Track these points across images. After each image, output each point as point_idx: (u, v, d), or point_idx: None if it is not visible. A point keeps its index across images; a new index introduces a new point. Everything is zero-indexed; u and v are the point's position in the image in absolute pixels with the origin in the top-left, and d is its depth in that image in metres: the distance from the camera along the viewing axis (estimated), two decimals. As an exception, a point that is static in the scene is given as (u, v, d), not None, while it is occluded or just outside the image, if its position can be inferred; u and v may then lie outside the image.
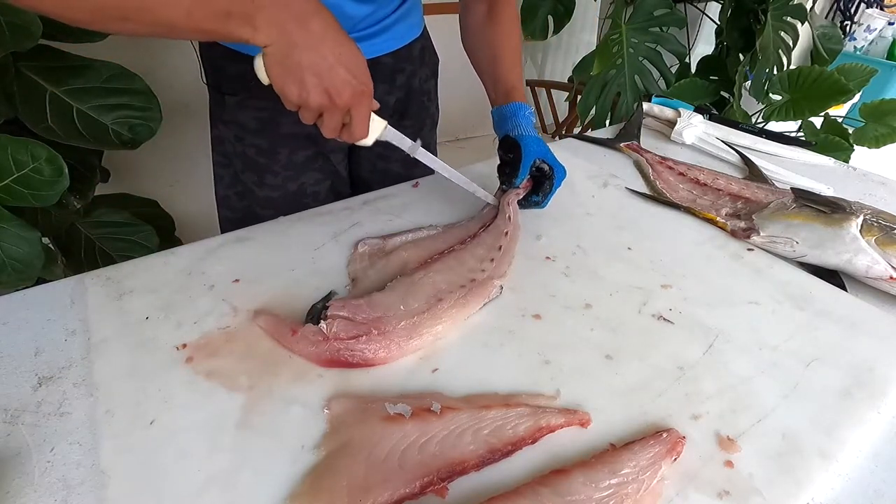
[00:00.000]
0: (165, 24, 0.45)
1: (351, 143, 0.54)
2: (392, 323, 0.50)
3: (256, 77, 0.50)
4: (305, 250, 0.62)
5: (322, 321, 0.49)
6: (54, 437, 0.40)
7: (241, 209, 0.81)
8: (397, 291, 0.53)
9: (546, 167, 0.68)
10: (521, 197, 0.68)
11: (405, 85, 0.80)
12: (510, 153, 0.69)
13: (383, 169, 0.87)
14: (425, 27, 0.83)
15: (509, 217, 0.65)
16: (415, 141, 0.61)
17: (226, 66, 0.71)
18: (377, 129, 0.56)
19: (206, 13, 0.44)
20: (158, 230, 1.15)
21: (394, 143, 0.59)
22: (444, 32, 0.66)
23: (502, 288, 0.57)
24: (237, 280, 0.57)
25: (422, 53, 0.82)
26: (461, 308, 0.53)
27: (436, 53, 0.86)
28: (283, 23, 0.46)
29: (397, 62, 0.77)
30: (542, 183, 0.68)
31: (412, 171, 0.87)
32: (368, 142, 0.56)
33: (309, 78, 0.48)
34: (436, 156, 0.62)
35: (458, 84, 1.40)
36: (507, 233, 0.63)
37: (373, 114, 0.54)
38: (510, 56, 0.73)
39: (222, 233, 0.65)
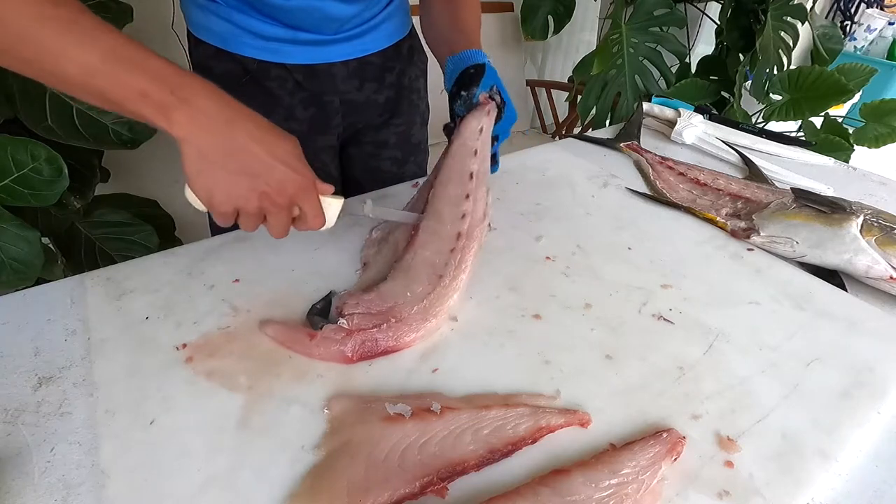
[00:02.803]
0: (59, 77, 0.39)
1: (309, 230, 0.50)
2: (405, 310, 0.50)
3: (243, 76, 0.49)
4: (305, 250, 0.62)
5: (341, 318, 0.49)
6: (54, 437, 0.40)
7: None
8: (398, 280, 0.53)
9: (499, 98, 0.61)
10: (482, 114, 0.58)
11: (395, 84, 0.80)
12: (467, 87, 0.60)
13: (375, 168, 0.87)
14: (413, 27, 0.83)
15: (471, 141, 0.57)
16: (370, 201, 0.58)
17: (212, 65, 0.71)
18: (335, 209, 0.51)
19: (116, 84, 0.39)
20: (158, 230, 1.14)
21: (359, 214, 0.56)
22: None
23: (491, 225, 0.55)
24: (237, 280, 0.57)
25: (410, 52, 0.82)
26: (462, 272, 0.53)
27: (424, 52, 0.86)
28: (205, 126, 0.41)
29: (386, 61, 0.78)
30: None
31: (404, 170, 0.87)
32: (329, 225, 0.51)
33: (242, 181, 0.43)
34: (428, 154, 0.61)
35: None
36: (475, 151, 0.55)
37: (327, 198, 0.50)
38: (471, 25, 0.69)
39: (212, 235, 0.65)
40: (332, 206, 0.51)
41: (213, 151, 0.42)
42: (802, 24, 1.56)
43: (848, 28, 3.14)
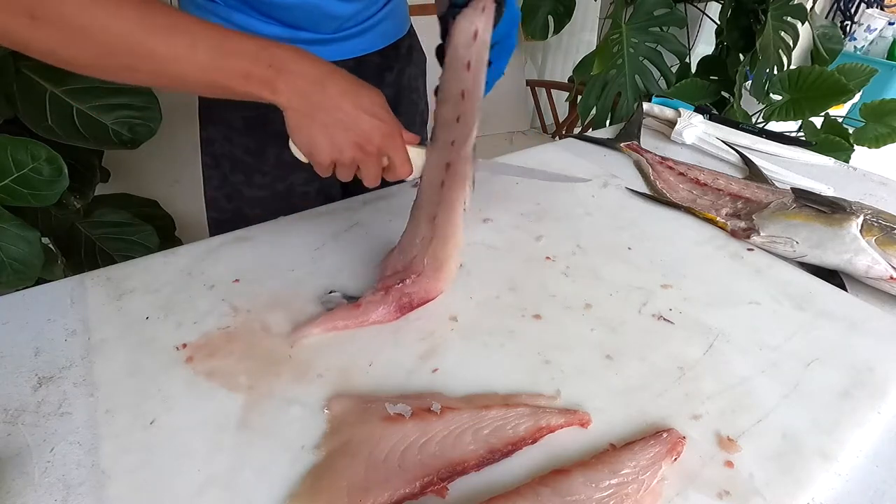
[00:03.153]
0: (178, 78, 0.44)
1: (398, 179, 0.53)
2: (418, 263, 0.51)
3: None
4: (305, 250, 0.62)
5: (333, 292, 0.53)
6: (54, 437, 0.40)
7: (229, 210, 0.81)
8: (410, 226, 0.53)
9: None
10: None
11: (394, 83, 0.80)
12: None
13: None
14: (412, 26, 0.83)
15: (462, 49, 0.47)
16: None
17: None
18: (421, 159, 0.53)
19: (225, 73, 0.44)
20: (158, 230, 1.15)
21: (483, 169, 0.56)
22: (434, 34, 0.66)
23: (476, 160, 0.51)
24: (237, 280, 0.57)
25: (409, 52, 0.82)
26: (451, 208, 0.50)
27: (423, 52, 0.86)
28: (301, 88, 0.46)
29: (385, 60, 0.78)
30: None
31: None
32: (418, 174, 0.54)
33: (337, 134, 0.48)
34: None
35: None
36: (468, 64, 0.46)
37: (413, 147, 0.53)
38: None
39: (211, 235, 0.65)
40: (420, 155, 0.53)
41: (309, 109, 0.47)
42: (802, 24, 1.56)
43: (848, 28, 3.14)
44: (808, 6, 1.61)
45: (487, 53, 0.48)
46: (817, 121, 1.62)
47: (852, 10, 3.12)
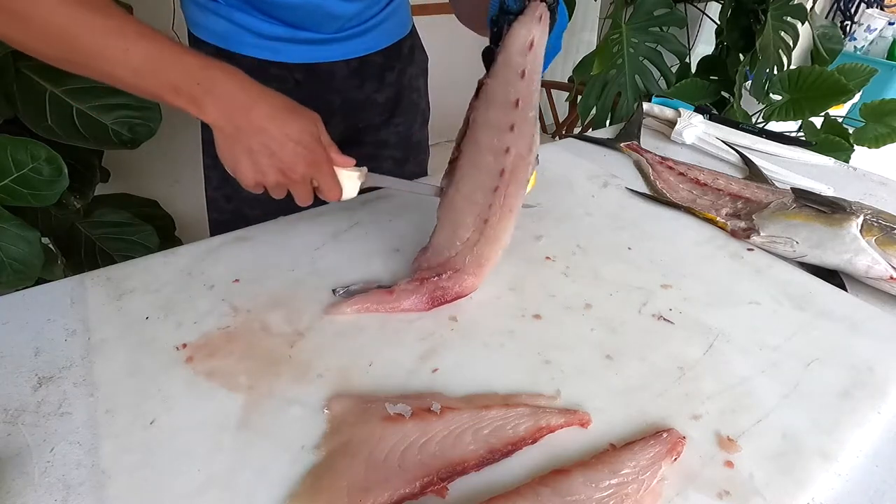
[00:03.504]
0: (112, 79, 0.45)
1: (331, 200, 0.54)
2: (459, 261, 0.52)
3: None
4: (305, 250, 0.62)
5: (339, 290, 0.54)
6: (54, 437, 0.40)
7: (228, 211, 0.81)
8: (446, 227, 0.53)
9: None
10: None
11: (395, 83, 0.80)
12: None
13: (375, 168, 0.86)
14: (413, 26, 0.83)
15: (518, 57, 0.44)
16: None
17: None
18: (353, 182, 0.54)
19: (155, 82, 0.45)
20: (158, 230, 1.15)
21: (380, 185, 0.58)
22: (436, 34, 0.66)
23: (538, 158, 0.50)
24: (237, 280, 0.57)
25: (411, 51, 0.82)
26: (509, 213, 0.50)
27: (424, 52, 0.86)
28: (227, 110, 0.47)
29: (386, 60, 0.78)
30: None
31: (404, 170, 0.87)
32: (352, 194, 0.55)
33: (261, 158, 0.49)
34: (428, 154, 0.59)
35: (451, 85, 1.40)
36: (523, 73, 0.44)
37: (347, 170, 0.54)
38: None
39: (211, 235, 0.65)
40: (351, 178, 0.54)
41: (234, 132, 0.48)
42: (802, 24, 1.56)
43: (848, 28, 3.14)
44: (808, 6, 1.61)
45: (542, 62, 0.46)
46: (817, 121, 1.62)
47: (852, 10, 3.12)
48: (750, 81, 1.59)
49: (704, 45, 2.15)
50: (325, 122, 0.77)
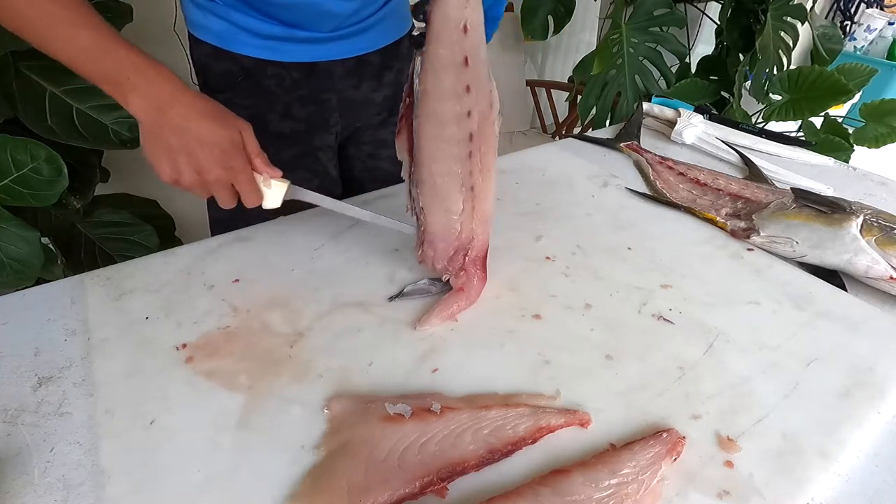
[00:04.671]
0: (63, 62, 0.48)
1: (252, 207, 0.55)
2: (467, 232, 0.53)
3: (241, 74, 0.50)
4: (305, 250, 0.62)
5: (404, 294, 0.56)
6: (54, 437, 0.40)
7: (228, 211, 0.81)
8: (434, 209, 0.52)
9: None
10: None
11: (393, 82, 0.80)
12: None
13: (374, 167, 0.87)
14: (413, 25, 0.83)
15: (455, 11, 0.41)
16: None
17: (210, 63, 0.71)
18: (277, 191, 0.56)
19: (90, 70, 0.48)
20: (158, 230, 1.14)
21: (307, 200, 0.58)
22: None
23: (501, 115, 0.49)
24: (237, 280, 0.57)
25: (409, 51, 0.82)
26: (489, 171, 0.50)
27: None
28: (147, 106, 0.49)
29: (385, 60, 0.77)
30: None
31: (401, 168, 0.87)
32: (275, 204, 0.56)
33: (177, 157, 0.50)
34: None
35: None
36: (465, 27, 0.41)
37: (276, 181, 0.55)
38: None
39: (212, 235, 0.65)
40: (275, 188, 0.55)
41: (155, 128, 0.50)
42: (802, 24, 1.56)
43: (848, 28, 3.14)
44: (808, 6, 1.61)
45: (482, 13, 0.43)
46: (817, 121, 1.62)
47: (852, 10, 3.12)
48: (750, 81, 1.59)
49: (704, 45, 2.15)
50: (324, 122, 0.78)
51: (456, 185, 0.50)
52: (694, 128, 0.96)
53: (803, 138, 1.42)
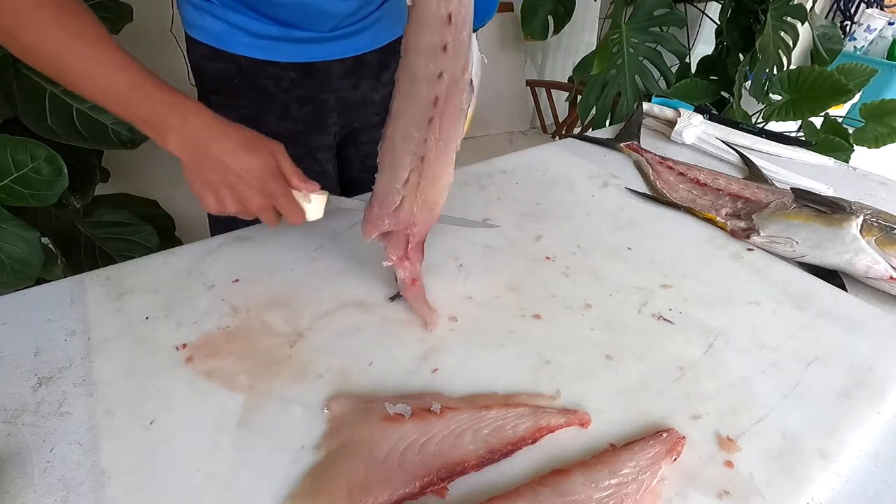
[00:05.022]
0: (87, 97, 0.49)
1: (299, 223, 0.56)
2: (408, 213, 0.49)
3: (238, 75, 0.50)
4: (305, 250, 0.62)
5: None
6: (54, 437, 0.40)
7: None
8: (385, 171, 0.48)
9: None
10: None
11: (391, 82, 0.80)
12: None
13: (372, 167, 0.86)
14: None
15: None
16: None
17: (206, 64, 0.71)
18: (317, 205, 0.56)
19: (128, 113, 0.50)
20: (158, 230, 1.14)
21: (346, 207, 0.59)
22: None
23: (473, 84, 0.46)
24: (237, 280, 0.57)
25: None
26: (445, 147, 0.46)
27: None
28: (186, 145, 0.51)
29: (383, 59, 0.77)
30: None
31: None
32: (317, 216, 0.57)
33: (220, 190, 0.52)
34: None
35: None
36: None
37: (315, 194, 0.56)
38: None
39: (212, 235, 0.65)
40: (315, 202, 0.56)
41: (195, 166, 0.51)
42: (802, 24, 1.56)
43: (848, 28, 3.14)
44: (808, 6, 1.61)
45: None
46: (817, 121, 1.62)
47: (852, 10, 3.12)
48: (750, 81, 1.59)
49: (704, 45, 2.15)
50: (322, 122, 0.78)
51: (408, 150, 0.46)
52: (694, 128, 0.96)
53: (803, 138, 1.42)
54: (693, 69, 1.71)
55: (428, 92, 0.44)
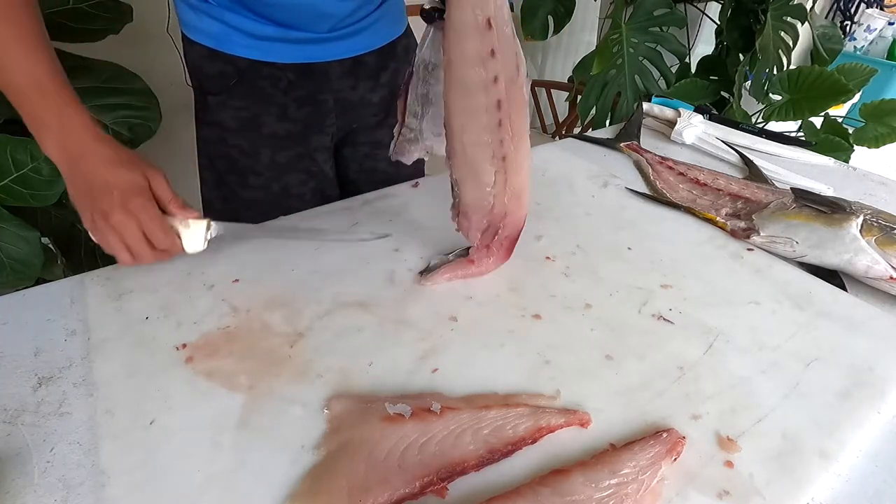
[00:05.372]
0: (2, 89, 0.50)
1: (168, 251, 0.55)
2: (500, 207, 0.53)
3: (235, 76, 0.50)
4: (305, 250, 0.62)
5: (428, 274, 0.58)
6: (54, 437, 0.40)
7: (225, 212, 0.81)
8: (467, 183, 0.51)
9: None
10: None
11: (389, 83, 0.80)
12: None
13: (370, 168, 0.87)
14: (409, 26, 0.83)
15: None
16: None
17: (204, 64, 0.71)
18: (197, 233, 0.55)
19: (23, 108, 0.50)
20: (158, 230, 1.14)
21: (240, 233, 0.60)
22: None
23: (530, 78, 0.49)
24: (237, 280, 0.57)
25: (405, 51, 0.82)
26: (521, 139, 0.48)
27: None
28: (62, 156, 0.51)
29: (381, 60, 0.77)
30: None
31: (400, 170, 0.87)
32: (198, 246, 0.56)
33: (85, 201, 0.51)
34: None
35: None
36: None
37: (194, 220, 0.55)
38: None
39: None
40: (194, 228, 0.55)
41: (68, 175, 0.52)
42: (802, 24, 1.56)
43: (848, 28, 3.15)
44: (808, 6, 1.61)
45: None
46: (817, 121, 1.62)
47: (852, 10, 3.12)
48: (750, 81, 1.59)
49: (704, 45, 2.16)
50: (320, 122, 0.78)
51: (487, 156, 0.49)
52: (694, 128, 0.96)
53: (803, 138, 1.42)
54: (693, 69, 1.71)
55: (487, 99, 0.45)
